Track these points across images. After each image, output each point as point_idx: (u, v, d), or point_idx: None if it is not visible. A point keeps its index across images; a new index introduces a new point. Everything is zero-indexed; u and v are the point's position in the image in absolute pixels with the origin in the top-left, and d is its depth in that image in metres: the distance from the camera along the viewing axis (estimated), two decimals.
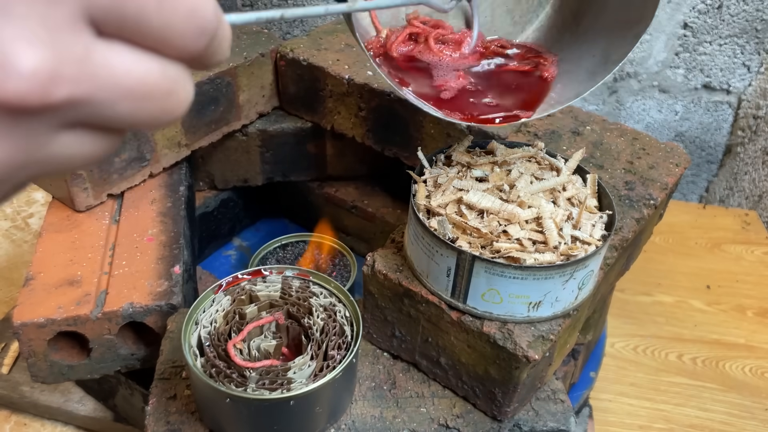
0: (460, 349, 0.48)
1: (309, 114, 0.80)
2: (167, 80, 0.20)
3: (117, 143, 0.21)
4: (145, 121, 0.20)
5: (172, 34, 0.19)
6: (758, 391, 0.79)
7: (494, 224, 0.44)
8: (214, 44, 0.21)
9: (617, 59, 0.46)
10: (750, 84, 1.11)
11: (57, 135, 0.19)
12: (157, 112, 0.20)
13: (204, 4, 0.20)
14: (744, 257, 1.01)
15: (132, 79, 0.19)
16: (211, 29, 0.20)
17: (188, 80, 0.21)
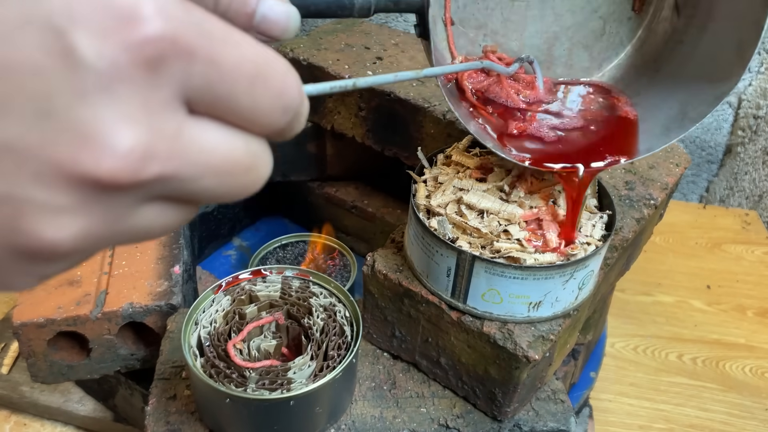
0: (460, 349, 0.48)
1: (309, 114, 0.80)
2: (250, 156, 0.20)
3: (193, 213, 0.21)
4: (225, 195, 0.20)
5: (260, 114, 0.20)
6: (758, 391, 0.79)
7: (494, 224, 0.44)
8: (297, 119, 0.21)
9: (695, 118, 0.43)
10: (750, 84, 1.11)
11: (140, 208, 0.19)
12: (237, 186, 0.20)
13: (291, 84, 0.20)
14: (744, 257, 1.01)
15: (218, 156, 0.19)
16: (296, 107, 0.21)
17: (268, 155, 0.21)
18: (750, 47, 0.40)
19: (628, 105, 0.48)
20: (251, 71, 0.19)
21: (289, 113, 0.20)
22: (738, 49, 0.41)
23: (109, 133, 0.17)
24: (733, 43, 0.42)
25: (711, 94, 0.43)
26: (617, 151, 0.45)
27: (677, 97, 0.46)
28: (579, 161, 0.44)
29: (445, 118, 0.67)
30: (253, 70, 0.19)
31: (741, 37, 0.41)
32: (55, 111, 0.16)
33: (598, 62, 0.52)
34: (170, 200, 0.20)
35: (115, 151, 0.17)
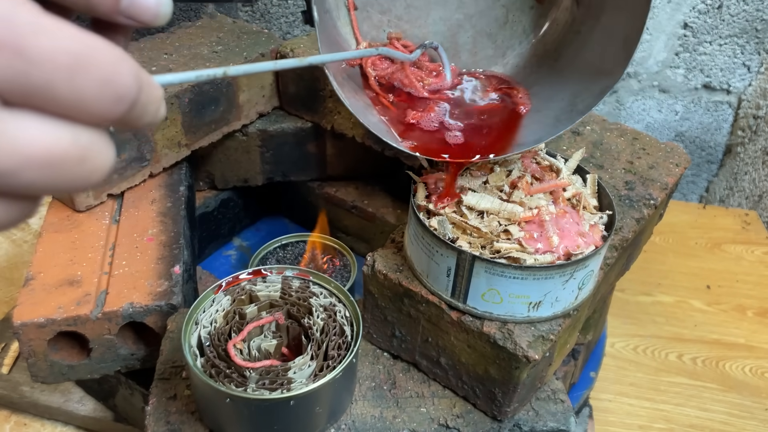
0: (460, 349, 0.48)
1: (309, 114, 0.80)
2: (79, 147, 0.19)
3: (31, 207, 0.21)
4: (56, 187, 0.19)
5: (85, 104, 0.19)
6: (758, 391, 0.79)
7: (494, 224, 0.44)
8: (138, 109, 0.20)
9: (582, 110, 0.44)
10: (750, 84, 1.11)
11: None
12: (68, 179, 0.19)
13: (121, 71, 0.19)
14: (744, 257, 1.01)
15: (37, 148, 0.18)
16: (130, 96, 0.20)
17: (105, 145, 0.20)
18: (633, 43, 0.41)
19: (524, 98, 0.50)
20: (67, 61, 0.18)
21: (122, 103, 0.20)
22: (624, 44, 0.43)
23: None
24: (621, 37, 0.43)
25: (597, 87, 0.44)
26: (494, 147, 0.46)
27: (569, 88, 0.47)
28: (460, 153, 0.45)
29: None
30: (71, 60, 0.18)
31: (627, 31, 0.42)
32: None
33: (502, 50, 0.53)
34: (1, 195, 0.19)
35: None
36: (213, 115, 0.74)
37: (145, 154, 0.68)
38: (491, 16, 0.51)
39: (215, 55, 0.75)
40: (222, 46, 0.77)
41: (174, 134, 0.70)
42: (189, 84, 0.69)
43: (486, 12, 0.51)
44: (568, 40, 0.49)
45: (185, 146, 0.72)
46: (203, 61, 0.73)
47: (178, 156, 0.72)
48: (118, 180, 0.67)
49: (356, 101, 0.45)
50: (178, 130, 0.70)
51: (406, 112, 0.47)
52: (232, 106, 0.75)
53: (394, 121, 0.47)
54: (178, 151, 0.72)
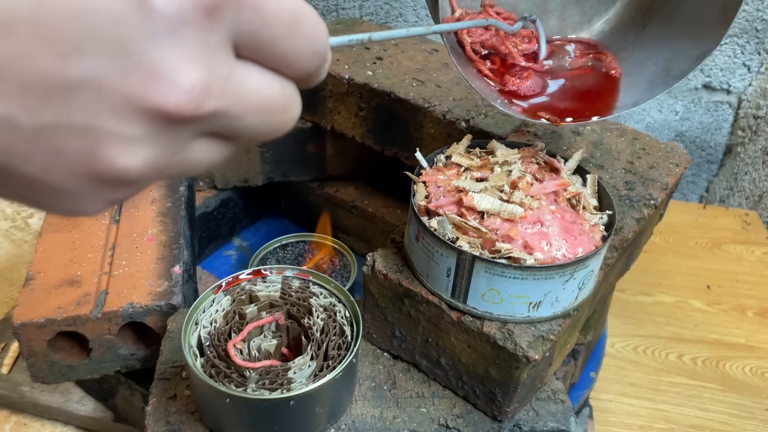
0: (460, 350, 0.48)
1: (309, 114, 0.80)
2: (285, 97, 0.22)
3: (233, 150, 0.23)
4: (264, 132, 0.22)
5: (295, 58, 0.22)
6: (758, 392, 0.79)
7: (495, 224, 0.44)
8: (323, 66, 0.23)
9: (678, 75, 0.45)
10: (750, 84, 1.11)
11: (194, 141, 0.21)
12: (274, 124, 0.22)
13: (321, 32, 0.22)
14: (744, 257, 1.01)
15: (260, 96, 0.21)
16: (324, 53, 0.23)
17: (299, 97, 0.23)
18: (732, 8, 0.41)
19: (614, 62, 0.51)
20: (289, 19, 0.21)
21: (318, 58, 0.22)
22: (722, 9, 0.43)
23: (175, 71, 0.19)
24: (718, 2, 0.43)
25: (694, 53, 0.44)
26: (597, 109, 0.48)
27: (662, 53, 0.47)
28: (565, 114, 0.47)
29: (445, 119, 0.67)
30: (291, 18, 0.21)
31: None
32: (130, 51, 0.18)
33: (589, 17, 0.54)
34: (218, 136, 0.22)
35: (180, 87, 0.19)
36: None
37: None
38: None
39: None
40: None
41: None
42: None
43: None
44: (657, 6, 0.49)
45: None
46: None
47: None
48: None
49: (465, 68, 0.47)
50: None
51: (504, 79, 0.49)
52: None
53: (492, 87, 0.48)
54: None
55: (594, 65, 0.51)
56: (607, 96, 0.49)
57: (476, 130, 0.65)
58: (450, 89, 0.71)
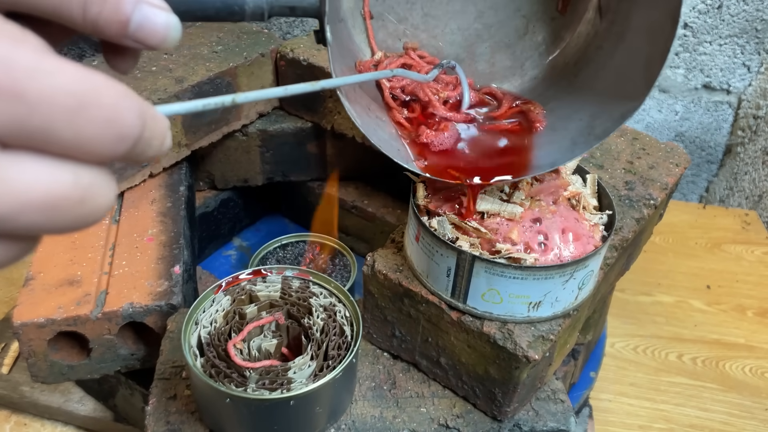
0: (460, 349, 0.48)
1: (309, 114, 0.80)
2: (79, 188, 0.19)
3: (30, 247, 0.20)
4: (56, 229, 0.19)
5: (87, 145, 0.18)
6: (758, 391, 0.79)
7: (495, 225, 0.44)
8: (141, 145, 0.20)
9: (599, 135, 0.42)
10: (750, 84, 1.11)
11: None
12: (69, 220, 0.19)
13: (123, 110, 0.19)
14: (744, 257, 1.01)
15: (37, 192, 0.18)
16: (133, 134, 0.19)
17: (107, 184, 0.20)
18: (656, 66, 0.39)
19: (540, 114, 0.48)
20: (69, 102, 0.18)
21: (126, 141, 0.19)
22: (646, 66, 0.40)
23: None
24: (643, 58, 0.41)
25: (617, 111, 0.42)
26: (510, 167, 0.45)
27: (588, 109, 0.45)
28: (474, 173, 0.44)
29: None
30: (71, 100, 0.18)
31: (650, 53, 0.40)
32: None
33: (520, 61, 0.51)
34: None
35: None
36: (213, 115, 0.74)
37: None
38: (511, 27, 0.50)
39: (215, 55, 0.75)
40: (222, 46, 0.77)
41: (174, 134, 0.70)
42: (189, 84, 0.69)
43: (506, 22, 0.50)
44: (590, 56, 0.48)
45: (185, 146, 0.72)
46: (203, 61, 0.73)
47: (178, 156, 0.72)
48: (117, 180, 0.67)
49: (368, 117, 0.44)
50: (178, 129, 0.70)
51: (419, 129, 0.46)
52: (232, 106, 0.75)
53: (407, 138, 0.46)
54: (178, 151, 0.72)
55: (519, 119, 0.49)
56: (523, 154, 0.46)
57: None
58: None
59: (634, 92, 0.41)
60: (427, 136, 0.46)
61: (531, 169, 0.44)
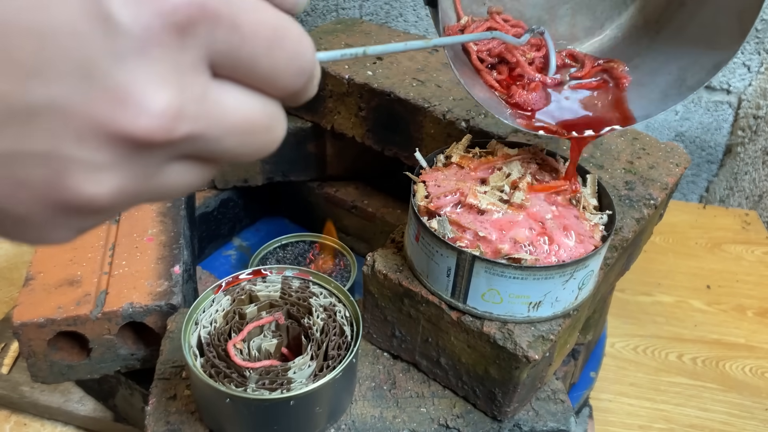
0: (460, 349, 0.48)
1: (309, 114, 0.80)
2: (267, 117, 0.21)
3: (214, 172, 0.22)
4: (246, 154, 0.21)
5: (278, 76, 0.20)
6: (758, 391, 0.79)
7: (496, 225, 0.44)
8: (310, 83, 0.22)
9: (693, 85, 0.43)
10: (750, 84, 1.11)
11: (168, 166, 0.20)
12: (257, 145, 0.21)
13: (306, 47, 0.21)
14: (744, 257, 1.01)
15: (239, 117, 0.20)
16: (310, 70, 0.21)
17: (283, 116, 0.22)
18: (750, 18, 0.40)
19: (624, 71, 0.49)
20: (269, 35, 0.20)
21: (303, 75, 0.21)
22: (739, 19, 0.41)
23: (144, 93, 0.17)
24: (736, 11, 0.42)
25: (709, 62, 0.43)
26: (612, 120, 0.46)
27: (676, 62, 0.46)
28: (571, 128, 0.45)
29: (445, 118, 0.67)
30: (271, 34, 0.20)
31: (743, 6, 0.41)
32: (95, 73, 0.17)
33: (600, 21, 0.52)
34: (196, 159, 0.20)
35: (150, 110, 0.18)
36: None
37: None
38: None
39: None
40: None
41: None
42: None
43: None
44: (672, 13, 0.48)
45: None
46: None
47: None
48: None
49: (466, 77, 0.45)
50: None
51: (510, 90, 0.48)
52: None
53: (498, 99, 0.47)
54: None
55: (604, 78, 0.50)
56: (616, 109, 0.47)
57: (476, 130, 0.65)
58: (450, 89, 0.71)
59: (725, 43, 0.42)
60: (520, 96, 0.47)
61: (630, 120, 0.46)
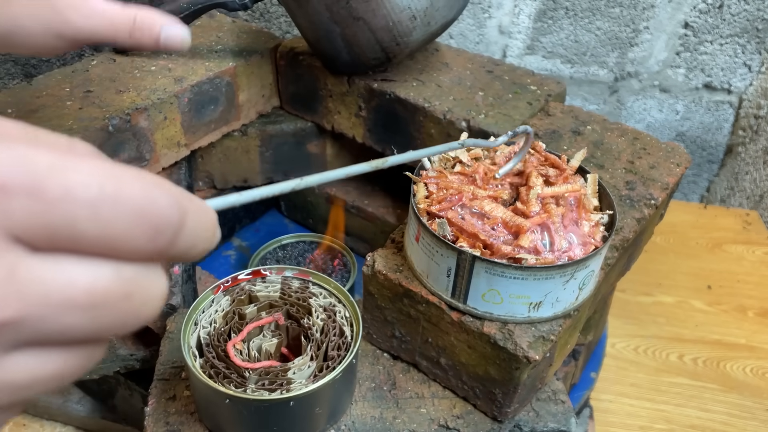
0: (460, 350, 0.48)
1: (309, 114, 0.80)
2: (123, 283, 0.18)
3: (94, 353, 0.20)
4: (107, 327, 0.18)
5: (117, 240, 0.18)
6: (759, 392, 0.79)
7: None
8: (184, 238, 0.19)
9: None
10: (751, 83, 1.11)
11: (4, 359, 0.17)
12: (115, 318, 0.18)
13: (156, 199, 0.18)
14: (745, 257, 1.01)
15: (77, 290, 0.17)
16: (172, 225, 0.18)
17: (155, 277, 0.19)
18: None
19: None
20: (90, 195, 0.17)
21: (163, 235, 0.18)
22: None
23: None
24: None
25: None
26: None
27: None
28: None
29: (446, 118, 0.67)
30: (93, 192, 0.17)
31: None
32: None
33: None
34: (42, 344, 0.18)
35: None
36: (212, 115, 0.73)
37: (144, 153, 0.68)
38: None
39: (214, 55, 0.75)
40: (221, 45, 0.77)
41: (173, 134, 0.70)
42: (189, 84, 0.69)
43: None
44: None
45: (184, 146, 0.72)
46: (203, 61, 0.73)
47: (178, 156, 0.72)
48: None
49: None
50: (178, 129, 0.70)
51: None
52: (232, 106, 0.75)
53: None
54: (177, 150, 0.71)
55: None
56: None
57: (476, 129, 0.65)
58: (450, 89, 0.71)
59: None
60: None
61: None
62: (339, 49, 0.67)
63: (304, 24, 0.68)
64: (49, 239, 0.17)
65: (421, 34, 0.66)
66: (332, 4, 0.63)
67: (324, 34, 0.67)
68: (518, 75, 0.75)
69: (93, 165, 0.17)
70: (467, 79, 0.73)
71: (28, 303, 0.17)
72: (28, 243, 0.17)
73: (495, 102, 0.69)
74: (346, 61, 0.69)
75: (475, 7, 1.07)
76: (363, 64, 0.69)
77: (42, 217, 0.17)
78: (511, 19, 1.08)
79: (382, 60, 0.67)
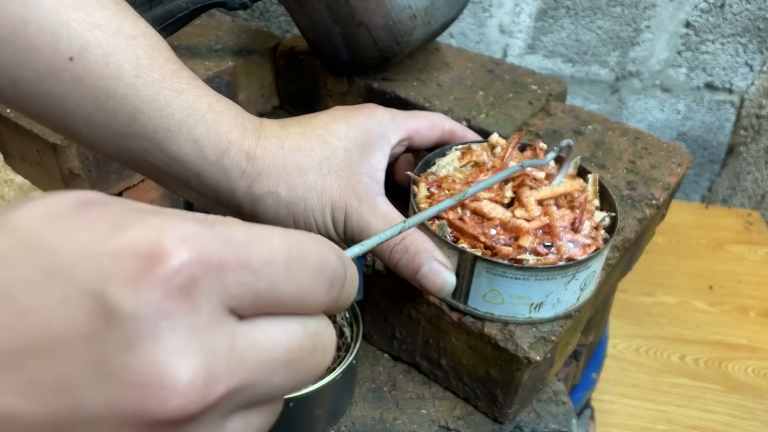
0: (460, 351, 0.48)
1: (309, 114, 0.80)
2: (311, 337, 0.20)
3: (279, 408, 0.21)
4: (301, 381, 0.20)
5: (306, 294, 0.20)
6: (761, 392, 0.79)
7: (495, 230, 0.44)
8: (346, 288, 0.21)
9: None
10: (753, 83, 1.11)
11: (224, 424, 0.19)
12: (309, 369, 0.20)
13: (328, 255, 0.20)
14: (747, 257, 1.01)
15: (280, 349, 0.19)
16: (341, 277, 0.21)
17: (328, 327, 0.21)
18: None
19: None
20: (284, 259, 0.19)
21: (336, 284, 0.21)
22: None
23: (166, 372, 0.17)
24: None
25: None
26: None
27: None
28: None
29: None
30: (286, 256, 0.19)
31: None
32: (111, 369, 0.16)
33: None
34: (251, 406, 0.19)
35: (176, 388, 0.17)
36: None
37: None
38: None
39: (214, 54, 0.75)
40: (221, 44, 0.77)
41: None
42: None
43: None
44: None
45: None
46: (202, 60, 0.73)
47: None
48: (116, 180, 0.66)
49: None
50: None
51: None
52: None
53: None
54: None
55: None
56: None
57: (477, 129, 0.65)
58: (450, 88, 0.71)
59: None
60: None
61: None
62: (339, 49, 0.67)
63: (303, 23, 0.68)
64: (255, 305, 0.19)
65: (421, 34, 0.65)
66: (332, 4, 0.62)
67: (324, 34, 0.66)
68: (519, 74, 0.74)
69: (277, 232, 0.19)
70: (468, 79, 0.73)
71: (247, 369, 0.18)
72: (238, 312, 0.19)
73: (496, 101, 0.69)
74: (346, 60, 0.68)
75: (475, 6, 1.07)
76: (363, 64, 0.69)
77: (252, 286, 0.18)
78: (511, 18, 1.08)
79: (383, 59, 0.67)
